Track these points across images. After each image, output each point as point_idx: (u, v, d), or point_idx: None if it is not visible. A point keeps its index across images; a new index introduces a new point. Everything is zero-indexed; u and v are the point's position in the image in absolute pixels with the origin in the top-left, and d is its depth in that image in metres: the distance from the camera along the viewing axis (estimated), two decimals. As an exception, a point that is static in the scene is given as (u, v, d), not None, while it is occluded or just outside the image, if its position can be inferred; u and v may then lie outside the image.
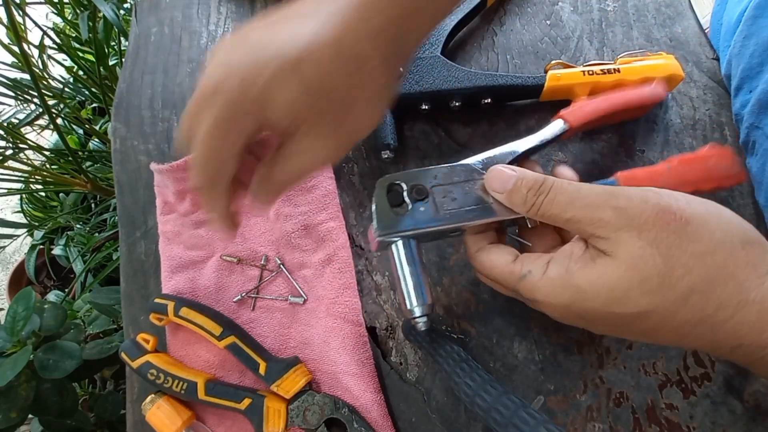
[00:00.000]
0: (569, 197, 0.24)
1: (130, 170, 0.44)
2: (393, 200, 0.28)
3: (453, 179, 0.29)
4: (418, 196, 0.28)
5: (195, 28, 0.50)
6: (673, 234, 0.21)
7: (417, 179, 0.28)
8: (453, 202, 0.28)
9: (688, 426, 0.32)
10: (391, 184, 0.28)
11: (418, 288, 0.28)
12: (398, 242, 0.28)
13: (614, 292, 0.22)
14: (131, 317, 0.40)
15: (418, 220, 0.28)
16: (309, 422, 0.34)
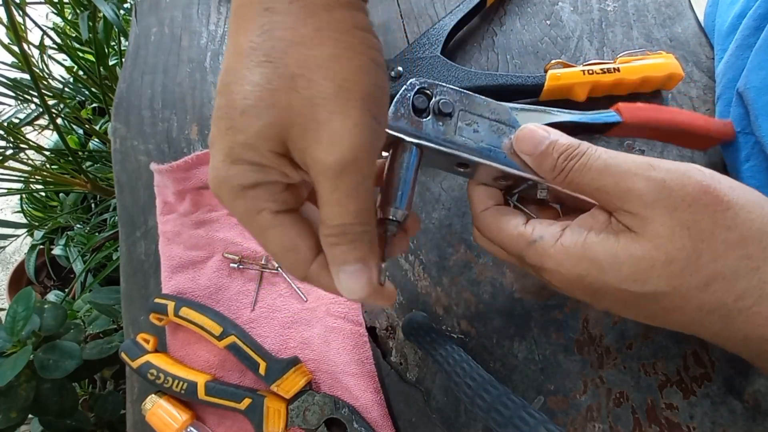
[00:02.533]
0: (604, 164, 0.22)
1: (130, 170, 0.44)
2: (417, 103, 0.26)
3: (484, 113, 0.27)
4: (443, 110, 0.26)
5: (195, 28, 0.50)
6: (709, 218, 0.20)
7: (448, 95, 0.26)
8: (474, 134, 0.26)
9: (688, 426, 0.32)
10: (422, 87, 0.26)
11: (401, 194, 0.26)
12: (406, 144, 0.26)
13: (634, 269, 0.21)
14: (131, 317, 0.40)
15: (430, 132, 0.26)
16: (309, 422, 0.34)
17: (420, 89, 0.26)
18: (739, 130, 0.35)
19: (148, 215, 0.42)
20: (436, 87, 0.26)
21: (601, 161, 0.22)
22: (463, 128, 0.26)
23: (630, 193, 0.21)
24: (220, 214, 0.41)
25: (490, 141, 0.26)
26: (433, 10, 0.47)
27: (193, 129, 0.45)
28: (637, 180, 0.21)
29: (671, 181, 0.20)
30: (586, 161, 0.23)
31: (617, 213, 0.22)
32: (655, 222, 0.21)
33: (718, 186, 0.20)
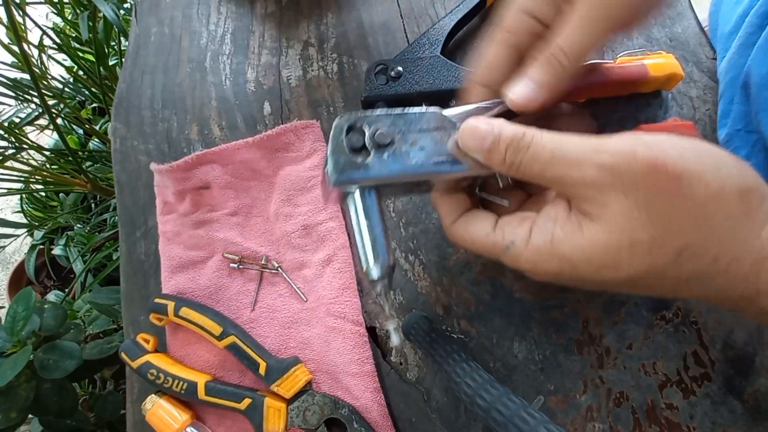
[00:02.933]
0: (551, 154, 0.22)
1: (130, 170, 0.44)
2: (353, 143, 0.24)
3: (422, 126, 0.25)
4: (381, 141, 0.24)
5: (195, 28, 0.50)
6: (663, 193, 0.20)
7: (381, 123, 0.25)
8: (421, 152, 0.25)
9: (688, 426, 0.32)
10: (351, 125, 0.25)
11: (376, 246, 0.25)
12: (355, 193, 0.25)
13: (603, 259, 0.21)
14: (131, 317, 0.40)
15: (379, 168, 0.24)
16: (309, 422, 0.34)
17: (349, 128, 0.25)
18: (740, 128, 0.35)
19: (148, 215, 0.42)
20: (364, 119, 0.25)
21: (547, 151, 0.22)
22: (408, 151, 0.25)
23: (581, 181, 0.21)
24: (220, 214, 0.41)
25: (438, 152, 0.25)
26: (433, 10, 0.47)
27: (193, 129, 0.45)
28: (585, 167, 0.21)
29: (619, 164, 0.20)
30: (534, 153, 0.22)
31: (575, 200, 0.22)
32: (612, 207, 0.20)
33: (666, 158, 0.20)
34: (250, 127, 0.44)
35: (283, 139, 0.41)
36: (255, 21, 0.49)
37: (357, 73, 0.45)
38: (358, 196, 0.25)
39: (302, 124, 0.41)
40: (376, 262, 0.25)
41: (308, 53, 0.46)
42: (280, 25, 0.48)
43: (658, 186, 0.20)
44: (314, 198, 0.40)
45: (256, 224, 0.41)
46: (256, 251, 0.40)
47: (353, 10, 0.47)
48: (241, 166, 0.42)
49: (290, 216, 0.40)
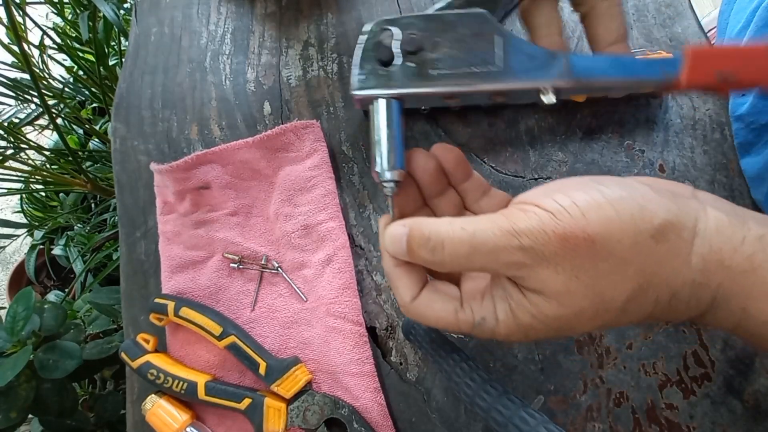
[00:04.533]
0: (469, 248, 0.22)
1: (130, 170, 0.44)
2: (381, 55, 0.23)
3: (458, 31, 0.24)
4: (410, 47, 0.23)
5: (195, 28, 0.50)
6: (585, 258, 0.20)
7: (413, 27, 0.23)
8: (452, 60, 0.23)
9: (688, 426, 0.32)
10: (383, 29, 0.24)
11: (393, 152, 0.24)
12: (379, 101, 0.24)
13: (558, 327, 0.22)
14: (131, 317, 0.40)
15: (404, 79, 0.24)
16: (309, 422, 0.34)
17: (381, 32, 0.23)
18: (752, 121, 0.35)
19: (148, 215, 0.42)
20: (397, 22, 0.24)
21: (465, 246, 0.22)
22: (438, 60, 0.23)
23: (509, 266, 0.21)
24: (220, 214, 0.41)
25: (471, 61, 0.23)
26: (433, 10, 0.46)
27: (193, 129, 0.45)
28: (508, 254, 0.21)
29: (537, 245, 0.20)
30: (452, 250, 0.22)
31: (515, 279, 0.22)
32: (549, 282, 0.21)
33: (573, 227, 0.20)
34: (250, 127, 0.44)
35: (283, 139, 0.41)
36: (255, 21, 0.49)
37: (357, 73, 0.45)
38: (382, 104, 0.24)
39: (302, 124, 0.41)
40: (392, 168, 0.24)
41: (308, 53, 0.46)
42: (280, 25, 0.48)
43: (578, 253, 0.20)
44: (314, 198, 0.40)
45: (256, 224, 0.41)
46: (256, 251, 0.40)
47: (353, 10, 0.47)
48: (241, 166, 0.42)
49: (290, 216, 0.40)
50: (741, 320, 0.21)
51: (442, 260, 0.22)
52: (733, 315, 0.21)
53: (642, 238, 0.20)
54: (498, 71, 0.23)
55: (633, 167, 0.39)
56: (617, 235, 0.20)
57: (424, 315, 0.25)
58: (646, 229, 0.20)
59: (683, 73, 0.24)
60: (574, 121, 0.40)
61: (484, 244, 0.21)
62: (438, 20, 0.23)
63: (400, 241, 0.24)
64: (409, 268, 0.25)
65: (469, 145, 0.41)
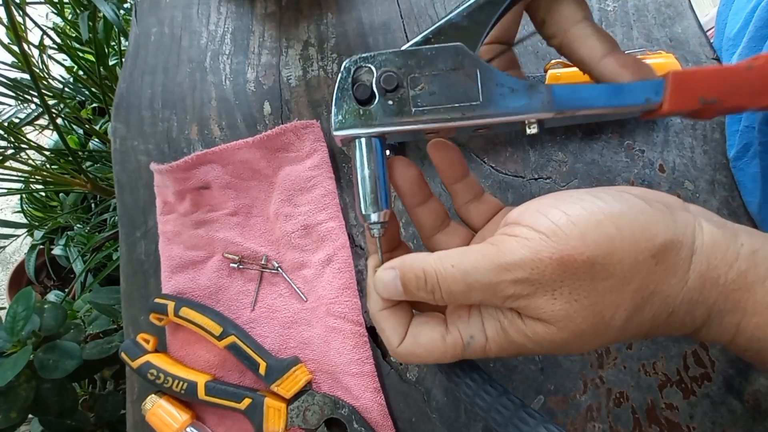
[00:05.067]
0: (463, 285, 0.21)
1: (130, 170, 0.44)
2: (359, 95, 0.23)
3: (437, 66, 0.23)
4: (387, 86, 0.23)
5: (195, 28, 0.50)
6: (584, 280, 0.20)
7: (390, 64, 0.23)
8: (431, 96, 0.23)
9: (688, 426, 0.32)
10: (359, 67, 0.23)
11: (376, 191, 0.24)
12: (360, 140, 0.24)
13: (553, 348, 0.22)
14: (131, 317, 0.40)
15: (385, 117, 0.23)
16: (309, 422, 0.34)
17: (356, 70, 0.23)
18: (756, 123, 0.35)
19: (148, 215, 0.42)
20: (372, 60, 0.23)
21: (459, 284, 0.21)
22: (418, 96, 0.23)
23: (507, 299, 0.21)
24: (220, 214, 0.41)
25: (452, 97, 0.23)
26: (433, 10, 0.47)
27: (193, 129, 0.45)
28: (504, 287, 0.20)
29: (531, 274, 0.20)
30: (448, 288, 0.21)
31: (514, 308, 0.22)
32: (547, 308, 0.20)
33: (571, 249, 0.19)
34: (250, 127, 0.44)
35: (283, 139, 0.41)
36: (255, 21, 0.49)
37: (357, 73, 0.45)
38: (363, 143, 0.24)
39: (302, 124, 0.41)
40: (376, 210, 0.24)
41: (308, 53, 0.46)
42: (280, 25, 0.48)
43: (577, 276, 0.19)
44: (314, 198, 0.40)
45: (256, 224, 0.41)
46: (256, 251, 0.40)
47: (353, 10, 0.47)
48: (241, 166, 0.42)
49: (290, 216, 0.40)
50: (735, 336, 0.21)
51: (441, 299, 0.22)
52: (727, 331, 0.21)
53: (643, 257, 0.20)
54: (479, 105, 0.23)
55: (633, 167, 0.39)
56: (618, 255, 0.19)
57: (413, 353, 0.24)
58: (647, 248, 0.20)
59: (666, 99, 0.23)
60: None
61: (477, 282, 0.21)
62: (415, 55, 0.23)
63: (394, 285, 0.23)
64: (396, 309, 0.25)
65: (469, 145, 0.41)
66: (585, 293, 0.20)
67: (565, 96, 0.23)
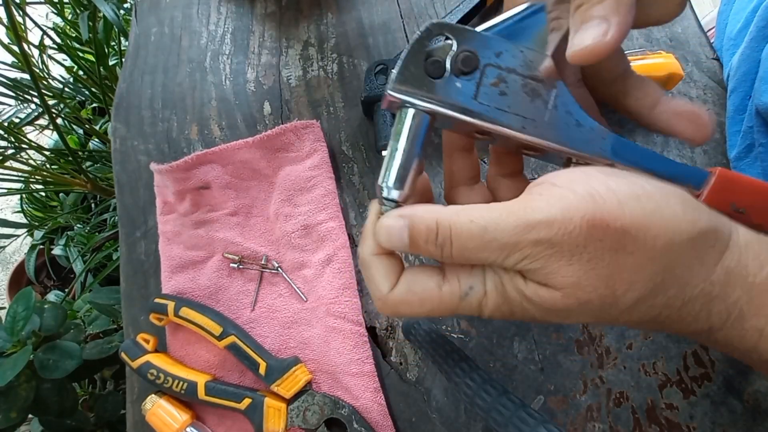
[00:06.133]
0: (479, 241, 0.19)
1: (130, 170, 0.44)
2: (431, 71, 0.21)
3: (517, 67, 0.21)
4: (463, 67, 0.21)
5: (195, 28, 0.50)
6: (608, 250, 0.18)
7: (473, 44, 0.21)
8: (500, 97, 0.21)
9: (688, 426, 0.32)
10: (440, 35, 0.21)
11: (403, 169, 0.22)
12: (409, 110, 0.22)
13: (552, 312, 0.20)
14: (131, 317, 0.40)
15: (447, 97, 0.21)
16: (309, 422, 0.34)
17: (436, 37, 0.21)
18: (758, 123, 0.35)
19: (148, 215, 0.42)
20: (458, 33, 0.21)
21: (474, 241, 0.20)
22: (486, 90, 0.21)
23: (523, 260, 0.19)
24: (220, 214, 0.41)
25: (517, 107, 0.21)
26: (433, 10, 0.47)
27: (193, 129, 0.45)
28: (522, 248, 0.19)
29: (557, 233, 0.18)
30: (461, 244, 0.20)
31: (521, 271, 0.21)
32: (557, 275, 0.19)
33: (606, 214, 0.18)
34: (250, 127, 0.44)
35: (283, 139, 0.41)
36: (255, 21, 0.49)
37: (357, 73, 0.45)
38: (410, 116, 0.22)
39: (302, 124, 0.41)
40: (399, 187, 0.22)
41: (308, 53, 0.46)
42: (280, 25, 0.48)
43: (602, 243, 0.18)
44: (314, 198, 0.40)
45: (256, 224, 0.41)
46: (256, 251, 0.40)
47: (353, 10, 0.47)
48: (241, 166, 0.42)
49: (290, 216, 0.40)
50: (758, 342, 0.20)
51: (450, 254, 0.20)
52: (748, 336, 0.20)
53: (680, 239, 0.19)
54: (543, 125, 0.22)
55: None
56: (654, 230, 0.18)
57: (405, 301, 0.22)
58: (688, 230, 0.19)
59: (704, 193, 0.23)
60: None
61: (495, 240, 0.19)
62: (503, 47, 0.22)
63: (399, 235, 0.21)
64: (389, 255, 0.23)
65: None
66: (604, 264, 0.19)
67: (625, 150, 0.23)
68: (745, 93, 0.37)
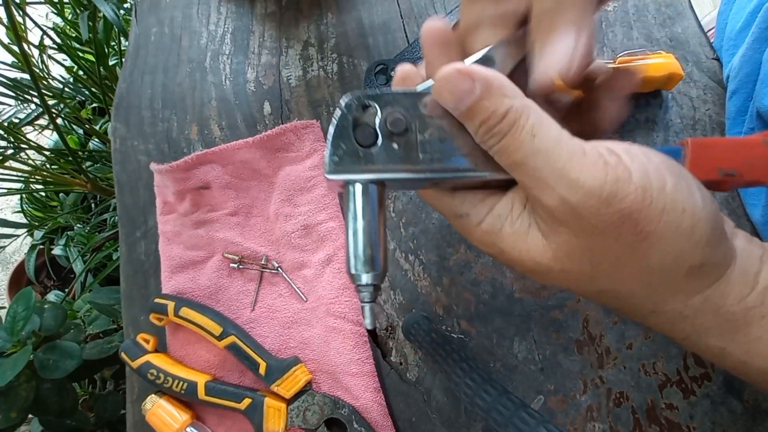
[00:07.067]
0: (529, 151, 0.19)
1: (130, 170, 0.44)
2: (362, 139, 0.21)
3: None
4: (395, 129, 0.20)
5: (195, 28, 0.50)
6: (619, 246, 0.18)
7: (398, 104, 0.21)
8: (441, 143, 0.21)
9: (688, 426, 0.32)
10: (363, 105, 0.21)
11: (369, 248, 0.21)
12: (355, 186, 0.21)
13: (533, 267, 0.21)
14: (131, 317, 0.40)
15: (385, 164, 0.21)
16: (309, 422, 0.34)
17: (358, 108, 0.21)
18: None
19: (148, 215, 0.42)
20: (378, 99, 0.21)
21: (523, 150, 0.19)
22: (426, 142, 0.21)
23: (543, 203, 0.19)
24: (220, 214, 0.41)
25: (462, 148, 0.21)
26: (433, 10, 0.46)
27: (193, 129, 0.45)
28: (551, 195, 0.18)
29: (585, 208, 0.18)
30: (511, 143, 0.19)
31: (532, 204, 0.20)
32: (560, 236, 0.19)
33: (644, 213, 0.17)
34: (250, 127, 0.44)
35: (283, 139, 0.41)
36: (255, 21, 0.49)
37: (357, 73, 0.45)
38: (359, 190, 0.21)
39: (302, 124, 0.41)
40: (369, 270, 0.21)
41: (308, 53, 0.46)
42: (280, 25, 0.48)
43: (619, 238, 0.18)
44: (314, 198, 0.40)
45: (256, 224, 0.41)
46: (256, 251, 0.40)
47: (353, 10, 0.47)
48: (241, 166, 0.42)
49: (290, 216, 0.40)
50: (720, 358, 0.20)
51: (492, 145, 0.19)
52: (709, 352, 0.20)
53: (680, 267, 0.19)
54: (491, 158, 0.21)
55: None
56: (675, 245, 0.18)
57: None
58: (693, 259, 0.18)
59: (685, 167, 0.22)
60: (574, 121, 0.40)
61: (540, 167, 0.18)
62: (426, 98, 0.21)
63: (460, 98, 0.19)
64: None
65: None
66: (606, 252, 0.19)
67: None
68: (747, 95, 0.37)
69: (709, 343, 0.20)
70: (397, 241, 0.39)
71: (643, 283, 0.19)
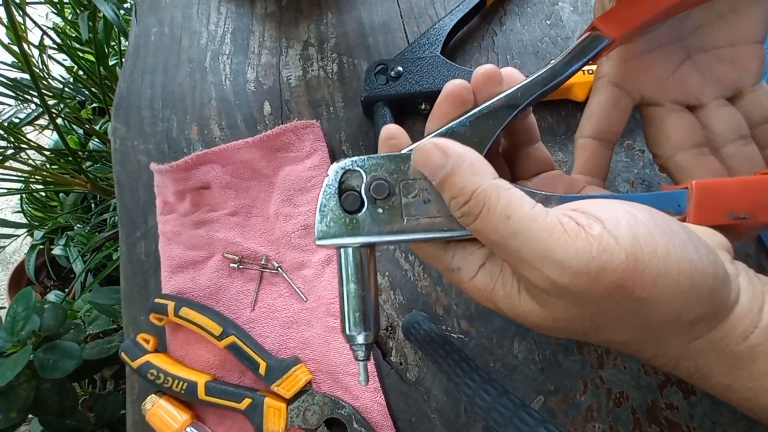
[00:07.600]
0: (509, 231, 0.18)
1: (130, 170, 0.44)
2: (348, 205, 0.21)
3: None
4: (378, 195, 0.21)
5: (195, 28, 0.50)
6: (618, 309, 0.18)
7: (381, 169, 0.22)
8: (425, 205, 0.21)
9: (688, 426, 0.32)
10: (347, 171, 0.22)
11: (362, 310, 0.22)
12: (346, 251, 0.22)
13: (535, 327, 0.21)
14: (131, 317, 0.40)
15: (374, 226, 0.21)
16: (309, 422, 0.34)
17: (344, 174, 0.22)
18: None
19: (148, 215, 0.42)
20: (362, 164, 0.22)
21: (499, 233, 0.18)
22: (410, 204, 0.21)
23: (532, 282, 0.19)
24: (220, 214, 0.41)
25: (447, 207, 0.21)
26: (433, 10, 0.47)
27: (193, 129, 0.45)
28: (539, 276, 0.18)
29: (576, 287, 0.17)
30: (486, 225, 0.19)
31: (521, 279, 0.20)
32: (557, 306, 0.19)
33: (638, 281, 0.17)
34: (250, 127, 0.44)
35: (283, 138, 0.41)
36: (255, 21, 0.49)
37: (357, 73, 0.45)
38: (350, 254, 0.22)
39: (302, 124, 0.41)
40: (363, 330, 0.22)
41: (308, 53, 0.46)
42: (280, 25, 0.48)
43: (617, 303, 0.18)
44: (314, 198, 0.40)
45: (256, 224, 0.41)
46: (256, 251, 0.40)
47: (353, 10, 0.47)
48: (241, 166, 0.42)
49: (290, 216, 0.40)
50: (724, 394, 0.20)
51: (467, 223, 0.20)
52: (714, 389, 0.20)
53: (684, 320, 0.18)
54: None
55: (633, 167, 0.39)
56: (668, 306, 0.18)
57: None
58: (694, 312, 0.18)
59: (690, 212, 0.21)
60: (574, 120, 0.40)
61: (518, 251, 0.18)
62: (409, 161, 0.22)
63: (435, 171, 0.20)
64: None
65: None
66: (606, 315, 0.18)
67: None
68: None
69: (713, 381, 0.20)
70: (397, 241, 0.39)
71: (649, 334, 0.19)
